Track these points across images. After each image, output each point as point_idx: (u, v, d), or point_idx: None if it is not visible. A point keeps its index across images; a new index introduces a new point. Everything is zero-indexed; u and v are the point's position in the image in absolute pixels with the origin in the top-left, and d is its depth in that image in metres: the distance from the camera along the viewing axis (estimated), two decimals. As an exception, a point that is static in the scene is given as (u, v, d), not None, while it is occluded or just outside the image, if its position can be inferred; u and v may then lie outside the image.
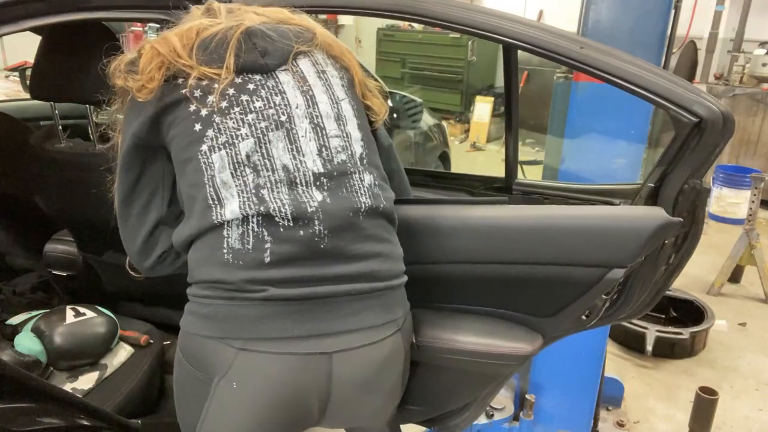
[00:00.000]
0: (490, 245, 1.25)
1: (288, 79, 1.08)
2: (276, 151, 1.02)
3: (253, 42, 1.06)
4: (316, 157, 1.04)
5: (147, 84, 1.02)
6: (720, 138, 1.13)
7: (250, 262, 0.98)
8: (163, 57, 1.03)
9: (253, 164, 1.01)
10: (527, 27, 1.21)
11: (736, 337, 3.47)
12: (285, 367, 0.99)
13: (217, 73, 1.03)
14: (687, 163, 1.19)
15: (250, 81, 1.05)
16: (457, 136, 7.95)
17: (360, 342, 1.03)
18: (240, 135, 1.01)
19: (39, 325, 1.69)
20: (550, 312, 1.33)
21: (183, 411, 1.12)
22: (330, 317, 1.01)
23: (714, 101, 1.13)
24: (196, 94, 1.03)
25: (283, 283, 0.98)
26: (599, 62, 1.17)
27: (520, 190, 1.55)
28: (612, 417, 2.64)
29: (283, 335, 0.98)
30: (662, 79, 1.15)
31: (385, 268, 1.07)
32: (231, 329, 0.98)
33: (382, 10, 1.29)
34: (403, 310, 1.13)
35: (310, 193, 1.01)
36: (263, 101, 1.04)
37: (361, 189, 1.06)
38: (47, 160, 1.91)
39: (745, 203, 4.34)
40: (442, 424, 1.60)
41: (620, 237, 1.19)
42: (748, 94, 5.50)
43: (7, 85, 4.61)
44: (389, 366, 1.11)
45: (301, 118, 1.05)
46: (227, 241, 0.99)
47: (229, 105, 1.03)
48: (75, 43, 1.57)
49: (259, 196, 0.99)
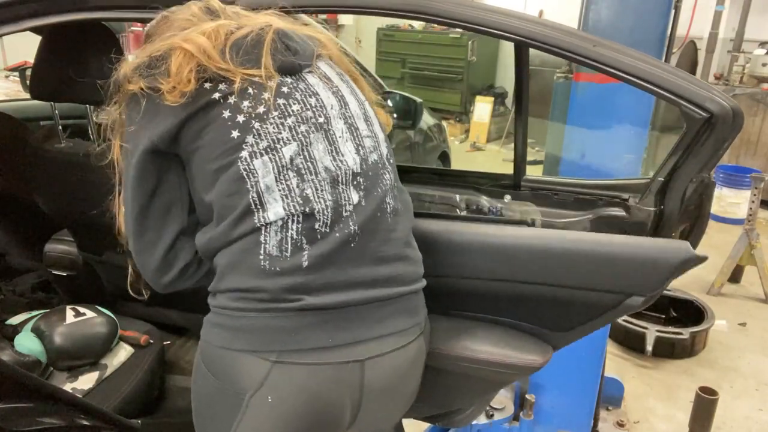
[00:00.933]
0: (515, 265, 1.28)
1: (316, 81, 1.07)
2: (317, 153, 1.01)
3: (285, 43, 1.05)
4: (354, 156, 1.05)
5: (181, 87, 0.96)
6: (729, 133, 1.15)
7: (288, 269, 0.96)
8: (198, 59, 0.97)
9: (296, 168, 0.99)
10: (540, 25, 1.22)
11: (736, 337, 3.47)
12: (320, 377, 0.98)
13: (252, 74, 1.00)
14: (696, 157, 1.21)
15: (283, 84, 1.03)
16: (457, 136, 7.95)
17: (390, 347, 1.04)
18: (282, 139, 0.99)
19: (39, 325, 1.69)
20: (564, 328, 1.36)
21: (206, 425, 1.08)
22: (361, 324, 1.01)
23: (724, 97, 1.14)
24: (230, 100, 0.98)
25: (320, 290, 0.98)
26: (612, 60, 1.17)
27: (528, 187, 1.55)
28: (612, 417, 2.64)
29: (317, 345, 0.98)
30: (674, 75, 1.16)
31: (410, 271, 1.09)
32: (264, 342, 0.96)
33: (395, 10, 1.30)
34: (424, 313, 1.15)
35: (348, 192, 1.02)
36: (299, 104, 1.03)
37: (389, 190, 1.08)
38: (47, 160, 1.90)
39: (745, 203, 4.33)
40: (446, 420, 1.61)
41: (645, 267, 1.21)
42: (748, 94, 5.50)
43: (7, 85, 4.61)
44: (414, 369, 1.13)
45: (336, 119, 1.05)
46: (264, 248, 0.96)
47: (267, 110, 0.99)
48: (75, 43, 1.57)
49: (303, 197, 0.98)
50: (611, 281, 1.23)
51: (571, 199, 1.51)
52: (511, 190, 1.58)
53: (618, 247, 1.24)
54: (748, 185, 4.31)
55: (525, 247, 1.27)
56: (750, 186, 3.89)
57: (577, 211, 1.50)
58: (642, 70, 1.16)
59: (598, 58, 1.18)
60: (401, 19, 1.24)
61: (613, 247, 1.24)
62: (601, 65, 1.18)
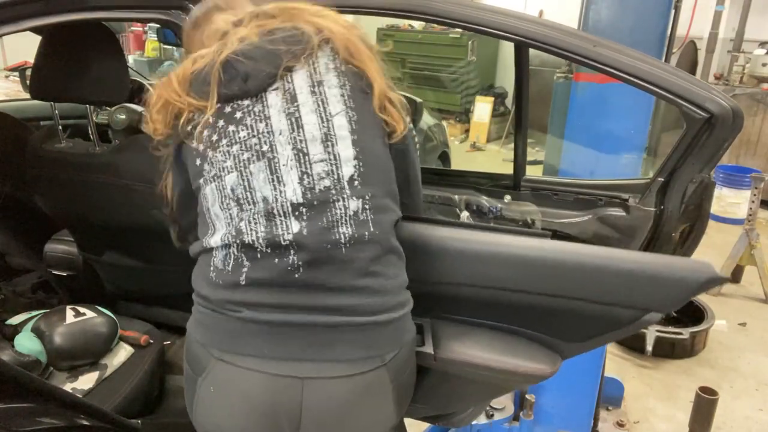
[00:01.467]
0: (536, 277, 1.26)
1: (276, 101, 1.05)
2: (257, 182, 1.02)
3: (234, 68, 1.05)
4: (296, 186, 1.01)
5: (158, 128, 1.09)
6: (729, 133, 1.15)
7: (228, 283, 1.02)
8: (164, 98, 1.07)
9: (236, 198, 1.03)
10: (540, 26, 1.22)
11: (736, 337, 3.47)
12: (257, 384, 1.01)
13: (204, 106, 1.05)
14: (696, 157, 1.22)
15: (239, 108, 1.05)
16: (457, 136, 7.95)
17: (333, 373, 1.02)
18: (226, 168, 1.04)
19: (39, 325, 1.69)
20: (577, 339, 1.34)
21: (186, 403, 1.16)
22: (304, 343, 1.01)
23: (724, 97, 1.14)
24: (188, 129, 1.06)
25: (257, 306, 1.01)
26: (612, 60, 1.17)
27: (528, 187, 1.55)
28: (612, 417, 2.64)
29: (256, 353, 1.01)
30: (674, 76, 1.16)
31: (370, 302, 1.03)
32: (212, 338, 1.04)
33: (396, 10, 1.30)
34: (394, 344, 1.08)
35: (287, 223, 1.00)
36: (248, 129, 1.04)
37: (342, 218, 1.02)
38: (47, 160, 1.90)
39: (745, 203, 4.33)
40: (445, 420, 1.61)
41: (668, 286, 1.18)
42: (748, 94, 5.50)
43: (7, 85, 4.61)
44: (367, 402, 1.07)
45: (283, 145, 1.03)
46: (213, 261, 1.05)
47: (219, 138, 1.05)
48: (75, 43, 1.57)
49: (237, 229, 1.02)
50: (632, 297, 1.21)
51: (571, 199, 1.51)
52: (511, 190, 1.58)
53: (642, 265, 1.21)
54: (748, 185, 4.31)
55: (548, 260, 1.24)
56: (750, 186, 3.89)
57: (577, 211, 1.50)
58: (642, 70, 1.16)
59: (598, 58, 1.18)
60: (402, 19, 1.23)
61: (638, 265, 1.21)
62: (601, 65, 1.18)
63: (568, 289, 1.24)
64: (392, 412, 1.12)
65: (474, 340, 1.34)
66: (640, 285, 1.19)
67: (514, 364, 1.31)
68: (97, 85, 1.60)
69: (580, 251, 1.27)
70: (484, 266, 1.28)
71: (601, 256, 1.23)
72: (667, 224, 1.31)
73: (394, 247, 1.09)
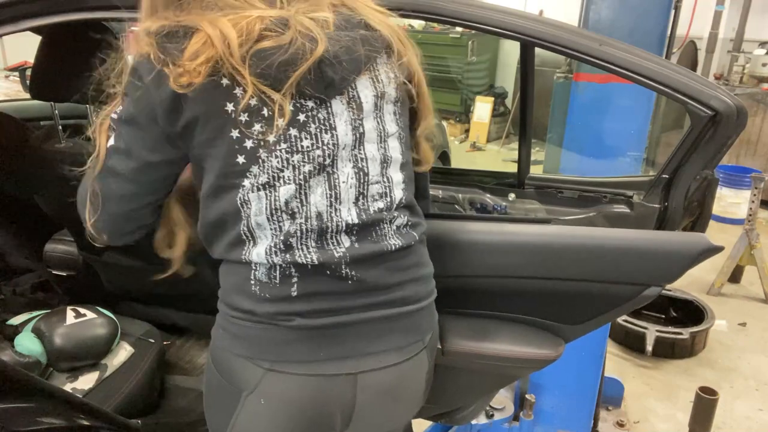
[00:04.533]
0: (536, 262, 1.29)
1: (341, 110, 0.96)
2: (314, 197, 0.95)
3: (321, 72, 0.92)
4: (351, 206, 0.98)
5: (191, 76, 0.86)
6: (733, 130, 1.16)
7: (276, 296, 0.97)
8: (216, 50, 0.86)
9: (291, 211, 0.95)
10: (547, 25, 1.22)
11: (736, 337, 3.47)
12: (311, 387, 1.00)
13: (271, 96, 0.89)
14: (701, 154, 1.23)
15: (302, 109, 0.93)
16: (457, 136, 7.95)
17: (385, 363, 1.03)
18: (282, 178, 0.93)
19: (39, 326, 1.69)
20: (578, 320, 1.37)
21: (211, 415, 1.12)
22: (356, 339, 1.01)
23: (728, 95, 1.15)
24: (242, 118, 0.90)
25: (310, 314, 0.98)
26: (619, 59, 1.18)
27: (533, 185, 1.56)
28: (612, 417, 2.64)
29: (309, 358, 0.98)
30: (679, 74, 1.17)
31: (414, 292, 1.06)
32: (258, 351, 0.99)
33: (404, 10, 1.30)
34: (430, 326, 1.12)
35: (338, 238, 0.98)
36: (311, 139, 0.93)
37: (389, 233, 1.03)
38: (47, 160, 1.90)
39: (745, 203, 4.33)
40: (449, 417, 1.62)
41: (667, 259, 1.25)
42: (748, 94, 5.50)
43: (7, 85, 4.62)
44: (412, 383, 1.11)
45: (344, 162, 0.97)
46: (254, 274, 0.97)
47: (277, 140, 0.91)
48: (75, 43, 1.57)
49: (287, 244, 0.96)
50: (632, 274, 1.26)
51: (575, 196, 1.52)
52: (515, 189, 1.59)
53: (642, 242, 1.27)
54: (748, 185, 4.31)
55: (548, 244, 1.28)
56: (750, 186, 3.89)
57: (582, 209, 1.51)
58: (649, 69, 1.17)
59: (605, 57, 1.18)
60: (408, 19, 1.23)
61: (637, 242, 1.26)
62: (608, 64, 1.18)
63: (570, 272, 1.28)
64: (423, 394, 1.16)
65: (478, 330, 1.36)
66: (643, 261, 1.25)
67: (519, 351, 1.35)
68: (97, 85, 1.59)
69: (580, 233, 1.31)
70: (485, 256, 1.30)
71: (601, 236, 1.28)
72: (671, 220, 1.33)
73: (425, 243, 1.13)
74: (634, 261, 1.26)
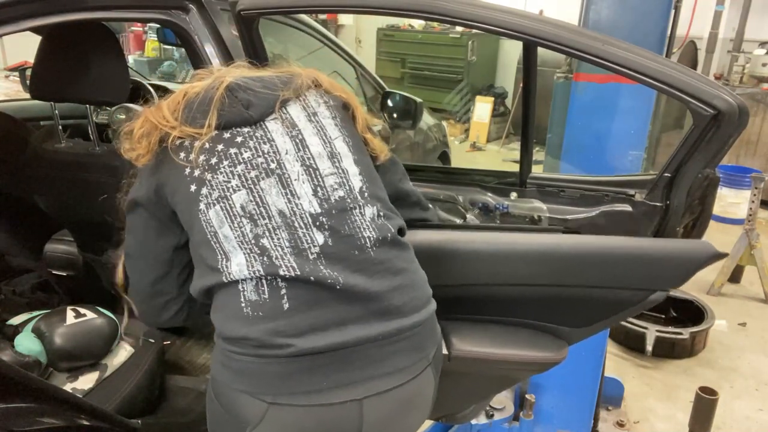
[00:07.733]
0: (544, 271, 1.31)
1: (276, 127, 1.08)
2: (270, 197, 1.02)
3: (235, 96, 1.08)
4: (311, 198, 1.03)
5: (141, 152, 1.08)
6: (735, 129, 1.17)
7: (269, 312, 0.98)
8: (152, 123, 1.07)
9: (249, 214, 1.01)
10: (550, 25, 1.22)
11: (736, 337, 3.47)
12: (316, 417, 0.99)
13: (199, 132, 1.05)
14: (702, 153, 1.24)
15: (239, 134, 1.07)
16: (457, 136, 7.95)
17: (391, 385, 1.04)
18: (231, 187, 1.02)
19: (39, 326, 1.69)
20: (582, 324, 1.39)
21: None
22: (360, 365, 1.01)
23: (731, 94, 1.16)
24: (182, 156, 1.05)
25: (307, 333, 0.97)
26: (623, 59, 1.18)
27: (535, 184, 1.56)
28: (612, 417, 2.64)
29: (312, 389, 0.98)
30: (682, 73, 1.17)
31: (407, 299, 1.06)
32: (260, 385, 0.99)
33: (404, 10, 1.30)
34: (434, 341, 1.12)
35: (311, 234, 1.01)
36: (251, 151, 1.05)
37: (363, 223, 1.05)
38: (47, 160, 1.91)
39: (745, 203, 4.33)
40: (449, 417, 1.62)
41: (673, 265, 1.28)
42: (748, 94, 5.49)
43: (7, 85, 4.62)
44: (419, 400, 1.11)
45: (291, 163, 1.05)
46: (243, 294, 0.99)
47: (218, 160, 1.04)
48: (75, 43, 1.57)
49: (260, 246, 0.99)
50: (639, 280, 1.30)
51: (577, 195, 1.52)
52: (517, 188, 1.59)
53: (648, 249, 1.31)
54: (748, 185, 4.31)
55: (556, 254, 1.31)
56: (750, 186, 3.88)
57: (584, 208, 1.51)
58: (652, 68, 1.17)
59: (609, 57, 1.18)
60: (411, 19, 1.24)
61: (644, 250, 1.30)
62: (612, 64, 1.18)
63: (577, 279, 1.30)
64: (428, 409, 1.17)
65: (482, 335, 1.38)
66: (650, 267, 1.29)
67: (524, 355, 1.37)
68: (97, 85, 1.60)
69: (588, 242, 1.33)
70: (493, 265, 1.32)
71: (609, 245, 1.31)
72: (673, 219, 1.34)
73: (408, 246, 1.14)
74: (641, 268, 1.29)
